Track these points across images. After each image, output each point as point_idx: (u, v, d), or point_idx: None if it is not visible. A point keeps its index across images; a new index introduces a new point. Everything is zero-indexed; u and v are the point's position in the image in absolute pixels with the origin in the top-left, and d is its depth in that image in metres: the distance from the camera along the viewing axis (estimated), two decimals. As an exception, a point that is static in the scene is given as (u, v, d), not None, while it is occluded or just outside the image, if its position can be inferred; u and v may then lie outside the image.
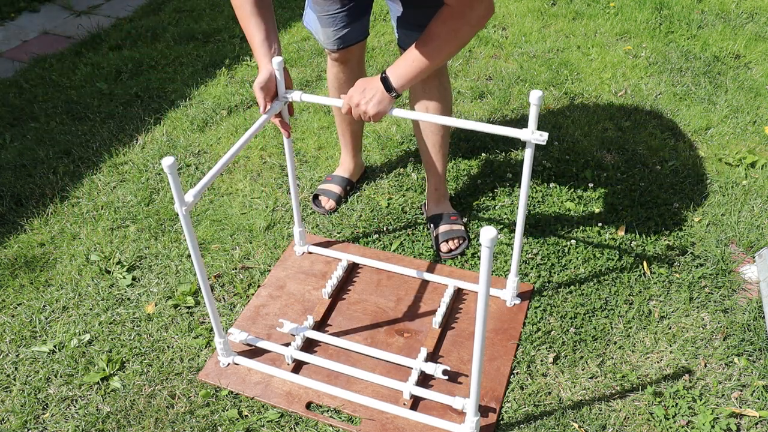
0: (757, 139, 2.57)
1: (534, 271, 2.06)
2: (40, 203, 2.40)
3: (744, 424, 1.65)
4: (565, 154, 2.51)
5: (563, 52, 3.18)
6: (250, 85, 3.02)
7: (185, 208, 1.45)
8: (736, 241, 2.14)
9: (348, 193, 2.39)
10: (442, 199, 2.22)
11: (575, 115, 2.74)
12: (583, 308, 1.94)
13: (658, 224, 2.20)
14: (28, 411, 1.74)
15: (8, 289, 2.09)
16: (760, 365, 1.77)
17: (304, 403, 1.72)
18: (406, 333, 1.90)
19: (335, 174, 2.40)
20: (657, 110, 2.76)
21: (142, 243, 2.22)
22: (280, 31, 3.49)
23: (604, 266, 2.06)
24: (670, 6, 3.52)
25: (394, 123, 2.73)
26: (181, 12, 3.76)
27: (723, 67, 3.01)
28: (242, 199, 2.39)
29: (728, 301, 1.95)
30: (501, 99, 2.85)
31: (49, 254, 2.20)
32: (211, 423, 1.68)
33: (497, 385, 1.74)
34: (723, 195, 2.31)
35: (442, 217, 2.17)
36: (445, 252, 2.12)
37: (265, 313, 1.97)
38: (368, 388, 1.75)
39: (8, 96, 3.03)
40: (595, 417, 1.67)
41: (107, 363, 1.83)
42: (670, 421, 1.66)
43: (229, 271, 2.11)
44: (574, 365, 1.79)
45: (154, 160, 2.59)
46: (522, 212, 1.73)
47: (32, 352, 1.89)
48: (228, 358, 1.81)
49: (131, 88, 3.04)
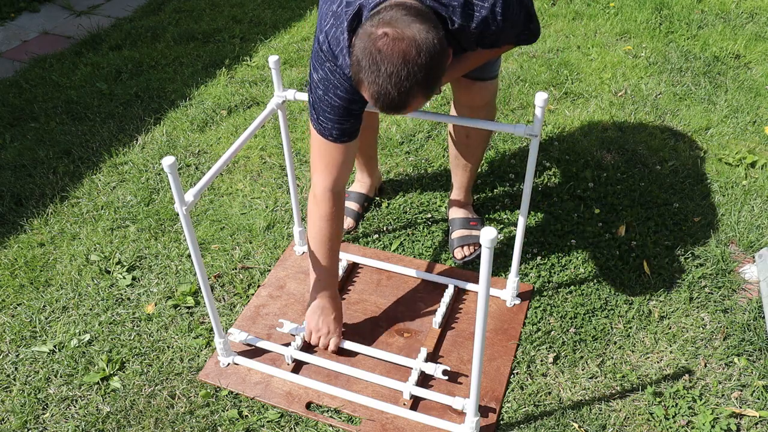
0: (757, 139, 2.57)
1: (534, 271, 2.06)
2: (40, 203, 2.40)
3: (744, 424, 1.65)
4: (565, 154, 2.51)
5: (563, 52, 3.18)
6: (250, 85, 3.02)
7: (185, 207, 1.46)
8: (736, 241, 2.14)
9: (366, 209, 2.31)
10: (465, 204, 2.19)
11: (575, 115, 2.74)
12: (583, 308, 1.94)
13: (658, 224, 2.20)
14: (28, 411, 1.74)
15: (8, 289, 2.09)
16: (760, 365, 1.77)
17: (304, 403, 1.72)
18: (406, 333, 1.90)
19: (351, 190, 2.31)
20: (657, 110, 2.76)
21: (142, 243, 2.22)
22: (280, 31, 3.49)
23: (604, 266, 2.06)
24: (670, 6, 3.52)
25: (394, 123, 2.73)
26: (181, 12, 3.76)
27: (723, 67, 3.01)
28: (242, 199, 2.39)
29: (728, 301, 1.95)
30: (501, 99, 2.85)
31: (49, 254, 2.20)
32: (211, 423, 1.68)
33: (497, 385, 1.74)
34: (723, 195, 2.31)
35: (461, 221, 2.16)
36: (459, 258, 2.10)
37: (265, 313, 1.97)
38: (368, 388, 1.75)
39: (8, 96, 3.03)
40: (595, 417, 1.67)
41: (107, 363, 1.83)
42: (670, 421, 1.65)
43: (229, 271, 2.11)
44: (574, 365, 1.79)
45: (154, 160, 2.59)
46: (524, 212, 1.73)
47: (32, 352, 1.89)
48: (228, 358, 1.81)
49: (131, 88, 3.04)
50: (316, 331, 1.80)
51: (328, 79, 1.48)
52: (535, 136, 1.56)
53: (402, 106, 1.31)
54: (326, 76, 1.48)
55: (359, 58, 1.28)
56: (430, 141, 2.61)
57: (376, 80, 1.26)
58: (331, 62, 1.46)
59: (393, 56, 1.24)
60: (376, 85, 1.27)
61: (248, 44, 3.38)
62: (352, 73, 1.32)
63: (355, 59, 1.29)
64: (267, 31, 3.50)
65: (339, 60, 1.44)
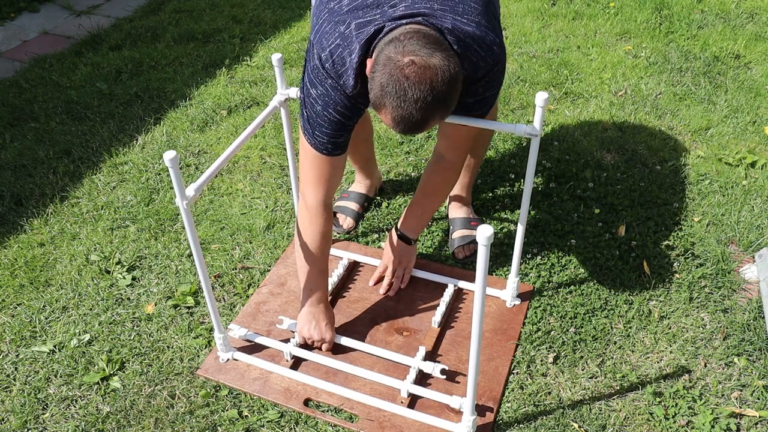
0: (757, 139, 2.57)
1: (534, 271, 2.06)
2: (40, 203, 2.40)
3: (744, 424, 1.65)
4: (565, 154, 2.51)
5: (563, 52, 3.18)
6: (250, 85, 3.02)
7: (186, 202, 1.46)
8: (736, 241, 2.14)
9: (366, 209, 2.32)
10: (466, 204, 2.20)
11: (575, 115, 2.74)
12: (583, 308, 1.94)
13: (658, 224, 2.20)
14: (28, 411, 1.74)
15: (8, 289, 2.09)
16: (760, 365, 1.77)
17: (302, 399, 1.72)
18: (406, 332, 1.90)
19: (351, 190, 2.32)
20: (657, 110, 2.76)
21: (142, 243, 2.22)
22: (281, 31, 3.50)
23: (604, 266, 2.06)
24: (670, 6, 3.52)
25: (394, 123, 2.73)
26: (181, 12, 3.76)
27: (723, 67, 3.01)
28: (242, 199, 2.39)
29: (728, 301, 1.95)
30: (501, 99, 2.85)
31: (49, 254, 2.20)
32: (211, 423, 1.68)
33: (495, 385, 1.74)
34: (723, 195, 2.31)
35: (461, 221, 2.16)
36: (459, 258, 2.11)
37: (265, 310, 1.97)
38: (366, 386, 1.75)
39: (8, 96, 3.03)
40: (595, 417, 1.67)
41: (107, 363, 1.83)
42: (670, 421, 1.65)
43: (229, 271, 2.11)
44: (574, 365, 1.79)
45: (154, 160, 2.59)
46: (524, 212, 1.73)
47: (32, 352, 1.89)
48: (227, 353, 1.81)
49: (131, 88, 3.04)
50: (308, 339, 1.82)
51: (329, 95, 1.51)
52: (535, 136, 1.56)
53: (422, 127, 1.38)
54: (326, 92, 1.51)
55: (384, 84, 1.32)
56: (430, 141, 2.61)
57: (402, 104, 1.32)
58: (334, 80, 1.48)
59: (421, 84, 1.30)
60: (401, 110, 1.33)
61: (248, 44, 3.38)
62: (373, 97, 1.36)
63: (378, 85, 1.34)
64: (267, 31, 3.50)
65: (342, 79, 1.47)
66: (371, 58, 1.40)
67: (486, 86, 1.53)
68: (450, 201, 2.22)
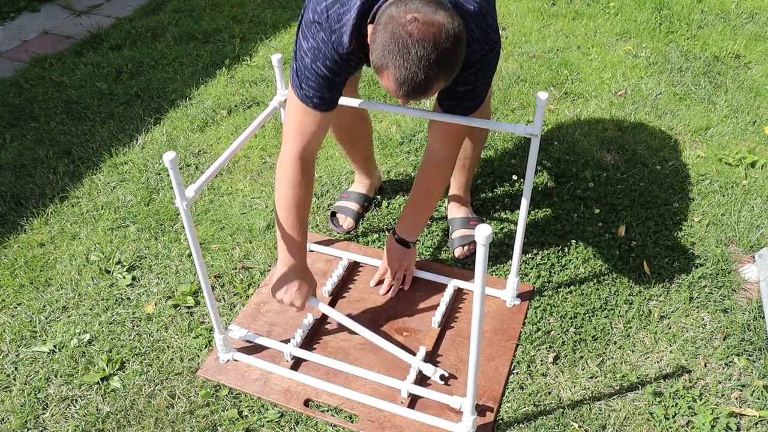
0: (757, 139, 2.57)
1: (534, 271, 2.06)
2: (40, 203, 2.40)
3: (744, 424, 1.65)
4: (565, 154, 2.51)
5: (563, 52, 3.18)
6: (250, 85, 3.02)
7: (186, 203, 1.46)
8: (736, 241, 2.14)
9: (366, 209, 2.30)
10: (464, 204, 2.20)
11: (575, 115, 2.74)
12: (583, 308, 1.94)
13: (658, 224, 2.20)
14: (28, 411, 1.74)
15: (8, 289, 2.09)
16: (760, 365, 1.77)
17: (302, 400, 1.72)
18: (406, 332, 1.90)
19: (351, 190, 2.30)
20: (657, 110, 2.76)
21: (142, 243, 2.22)
22: (281, 31, 3.49)
23: (604, 266, 2.06)
24: (670, 6, 3.52)
25: (394, 123, 2.73)
26: (181, 12, 3.76)
27: (723, 67, 3.01)
28: (242, 199, 2.39)
29: (728, 301, 1.95)
30: (501, 99, 2.85)
31: (49, 254, 2.20)
32: (211, 423, 1.69)
33: (495, 385, 1.74)
34: (723, 195, 2.31)
35: (461, 221, 2.16)
36: (459, 258, 2.11)
37: (265, 310, 1.97)
38: (366, 386, 1.75)
39: (8, 96, 3.03)
40: (595, 417, 1.67)
41: (107, 363, 1.83)
42: (670, 421, 1.65)
43: (229, 271, 2.11)
44: (574, 365, 1.79)
45: (154, 160, 2.59)
46: (524, 212, 1.73)
47: (32, 352, 1.89)
48: (227, 354, 1.81)
49: (131, 88, 3.04)
50: (279, 301, 1.79)
51: (319, 48, 1.49)
52: (535, 136, 1.56)
53: (426, 90, 1.33)
54: (317, 45, 1.49)
55: (386, 42, 1.28)
56: (430, 141, 2.61)
57: (405, 64, 1.27)
58: (326, 34, 1.46)
59: (424, 40, 1.26)
60: (404, 69, 1.28)
61: (248, 44, 3.38)
62: (374, 59, 1.32)
63: (379, 44, 1.30)
64: (267, 31, 3.50)
65: (335, 35, 1.45)
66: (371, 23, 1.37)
67: (478, 73, 1.52)
68: (449, 201, 2.22)
